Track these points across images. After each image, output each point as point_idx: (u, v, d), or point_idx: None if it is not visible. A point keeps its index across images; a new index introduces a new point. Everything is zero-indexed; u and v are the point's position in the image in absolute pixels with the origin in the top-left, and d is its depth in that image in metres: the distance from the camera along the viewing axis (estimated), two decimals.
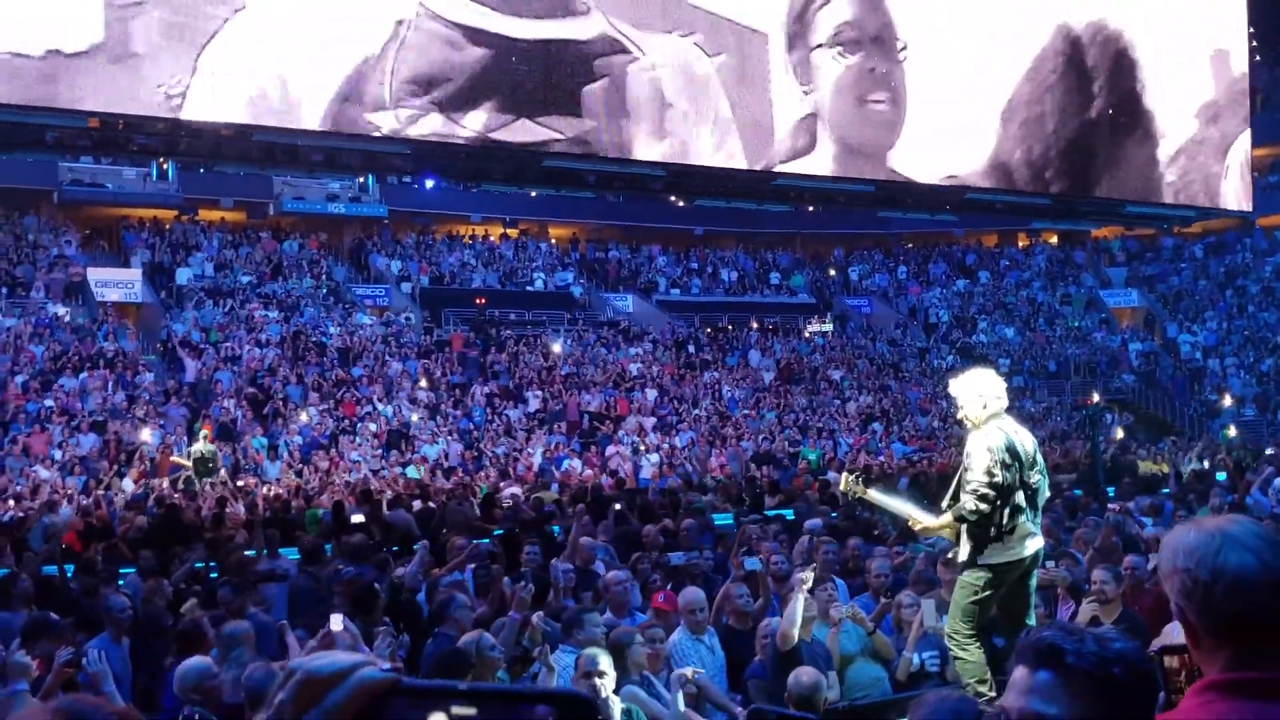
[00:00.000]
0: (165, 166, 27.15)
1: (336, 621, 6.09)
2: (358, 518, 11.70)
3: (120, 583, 8.32)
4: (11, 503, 14.52)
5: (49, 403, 19.78)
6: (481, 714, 0.83)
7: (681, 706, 5.74)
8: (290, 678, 0.85)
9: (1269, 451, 18.71)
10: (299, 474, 17.86)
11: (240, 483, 16.38)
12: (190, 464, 17.01)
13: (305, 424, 20.88)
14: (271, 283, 27.72)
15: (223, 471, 17.11)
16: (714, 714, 5.90)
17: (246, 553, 9.32)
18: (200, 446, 17.27)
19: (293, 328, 25.24)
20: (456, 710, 0.83)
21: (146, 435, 18.71)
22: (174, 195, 28.78)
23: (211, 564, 9.64)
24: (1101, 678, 1.54)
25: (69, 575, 9.09)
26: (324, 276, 28.86)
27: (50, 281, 25.31)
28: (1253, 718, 1.67)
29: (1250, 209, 18.25)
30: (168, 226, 28.91)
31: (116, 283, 25.78)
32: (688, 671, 5.80)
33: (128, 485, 16.47)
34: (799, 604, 6.15)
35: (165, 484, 16.35)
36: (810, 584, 6.34)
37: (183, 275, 26.98)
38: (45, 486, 15.57)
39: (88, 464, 17.75)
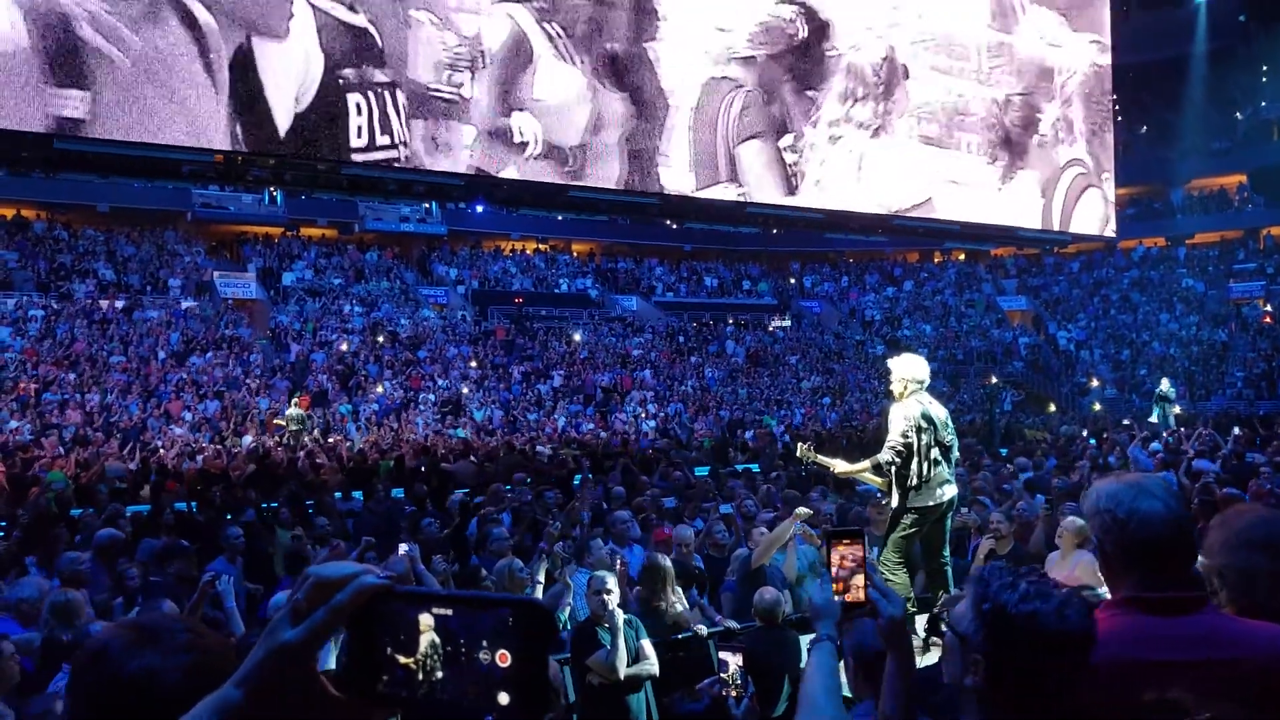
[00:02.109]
0: (275, 193, 27.10)
1: (403, 547, 6.04)
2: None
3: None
4: (162, 452, 14.48)
5: (182, 376, 19.70)
6: (456, 614, 0.81)
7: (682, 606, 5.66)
8: (306, 580, 0.82)
9: (1125, 422, 18.59)
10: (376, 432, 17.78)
11: (331, 439, 16.31)
12: (288, 425, 16.94)
13: (381, 394, 20.78)
14: (356, 284, 27.56)
15: (315, 431, 17.02)
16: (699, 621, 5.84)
17: (335, 494, 9.31)
18: (292, 411, 17.21)
19: (372, 319, 25.12)
20: (437, 610, 0.81)
21: (257, 403, 18.63)
22: (281, 216, 28.63)
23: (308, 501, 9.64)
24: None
25: (195, 510, 9.07)
26: (397, 280, 28.70)
27: (184, 282, 25.16)
28: (1149, 628, 1.66)
29: (1114, 234, 18.11)
30: (276, 240, 28.74)
31: (235, 283, 25.71)
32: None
33: (247, 441, 16.42)
34: (788, 526, 6.04)
35: (270, 440, 16.27)
36: (805, 516, 6.20)
37: (287, 278, 26.85)
38: (179, 442, 15.50)
39: (212, 424, 17.68)
